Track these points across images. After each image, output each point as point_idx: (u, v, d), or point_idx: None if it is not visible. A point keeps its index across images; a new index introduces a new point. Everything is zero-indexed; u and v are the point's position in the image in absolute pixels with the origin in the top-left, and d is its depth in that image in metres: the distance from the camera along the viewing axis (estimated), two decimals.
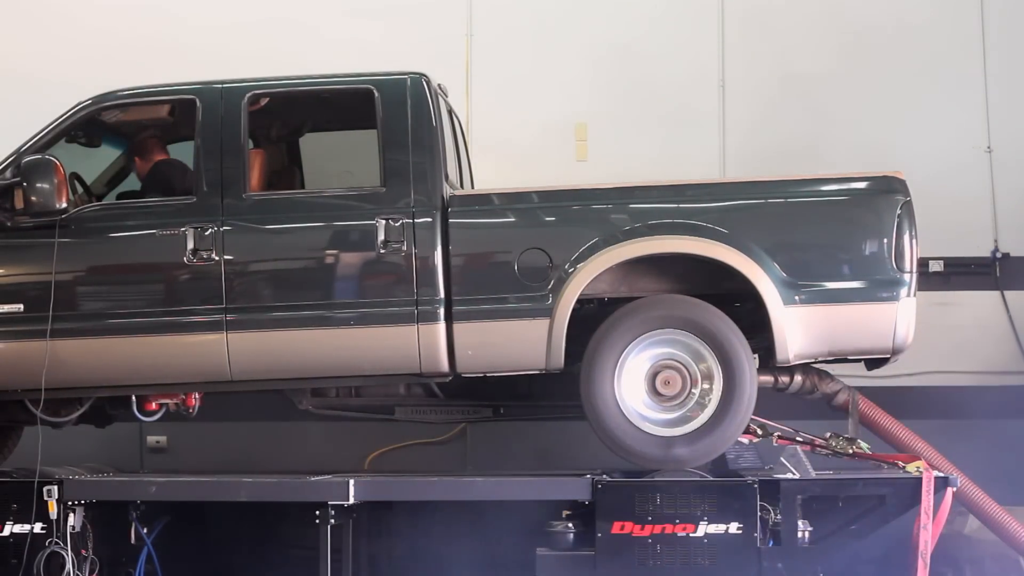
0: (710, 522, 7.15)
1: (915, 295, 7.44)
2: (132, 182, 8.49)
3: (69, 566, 7.43)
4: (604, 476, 7.36)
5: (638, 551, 7.16)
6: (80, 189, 8.17)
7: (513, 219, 7.68)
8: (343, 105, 8.34)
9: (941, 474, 7.41)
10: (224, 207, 7.61)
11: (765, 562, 7.13)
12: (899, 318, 7.41)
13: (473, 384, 7.94)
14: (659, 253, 7.48)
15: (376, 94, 7.68)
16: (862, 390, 8.16)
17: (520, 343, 7.46)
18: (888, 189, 7.50)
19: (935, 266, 9.63)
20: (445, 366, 7.52)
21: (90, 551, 7.59)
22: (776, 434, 7.92)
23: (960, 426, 9.30)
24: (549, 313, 7.44)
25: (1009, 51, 9.97)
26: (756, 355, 7.59)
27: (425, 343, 7.47)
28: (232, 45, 9.92)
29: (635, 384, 7.43)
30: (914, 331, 7.45)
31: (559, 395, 8.07)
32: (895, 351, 7.49)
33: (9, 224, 7.65)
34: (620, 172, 8.77)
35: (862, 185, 7.56)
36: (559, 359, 7.45)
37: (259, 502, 7.69)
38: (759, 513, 7.16)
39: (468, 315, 7.47)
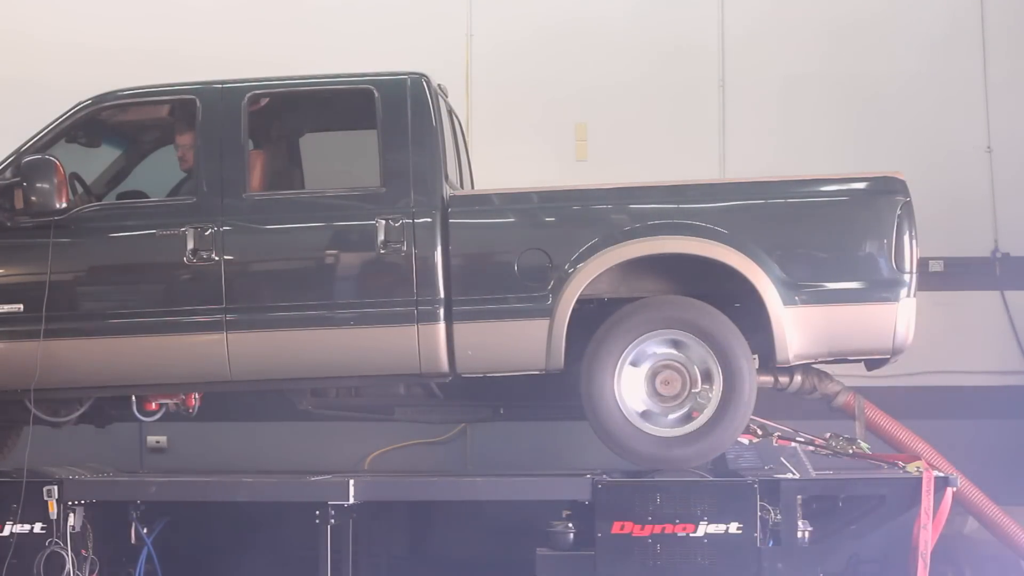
0: (710, 522, 7.14)
1: (915, 295, 7.43)
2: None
3: (69, 566, 7.42)
4: (604, 476, 7.35)
5: (638, 551, 7.16)
6: (80, 189, 8.16)
7: (513, 219, 7.67)
8: (343, 105, 8.34)
9: (941, 474, 7.40)
10: (224, 207, 7.61)
11: (765, 562, 7.12)
12: (899, 318, 7.40)
13: (473, 384, 7.93)
14: (659, 254, 7.48)
15: (376, 94, 7.68)
16: (862, 390, 8.16)
17: (520, 343, 7.45)
18: (888, 189, 7.49)
19: (935, 266, 9.60)
20: (445, 366, 7.52)
21: (90, 551, 7.59)
22: (776, 434, 7.91)
23: (960, 426, 9.31)
24: (549, 313, 7.43)
25: (1009, 51, 9.96)
26: (756, 355, 7.58)
27: (425, 343, 7.47)
28: (232, 45, 9.91)
29: (635, 384, 7.43)
30: (914, 331, 7.45)
31: (559, 395, 8.06)
32: (895, 352, 7.48)
33: (9, 224, 7.65)
34: (620, 172, 8.76)
35: (862, 185, 7.56)
36: (559, 359, 7.44)
37: (259, 502, 7.69)
38: (759, 513, 7.15)
39: (468, 315, 7.47)
